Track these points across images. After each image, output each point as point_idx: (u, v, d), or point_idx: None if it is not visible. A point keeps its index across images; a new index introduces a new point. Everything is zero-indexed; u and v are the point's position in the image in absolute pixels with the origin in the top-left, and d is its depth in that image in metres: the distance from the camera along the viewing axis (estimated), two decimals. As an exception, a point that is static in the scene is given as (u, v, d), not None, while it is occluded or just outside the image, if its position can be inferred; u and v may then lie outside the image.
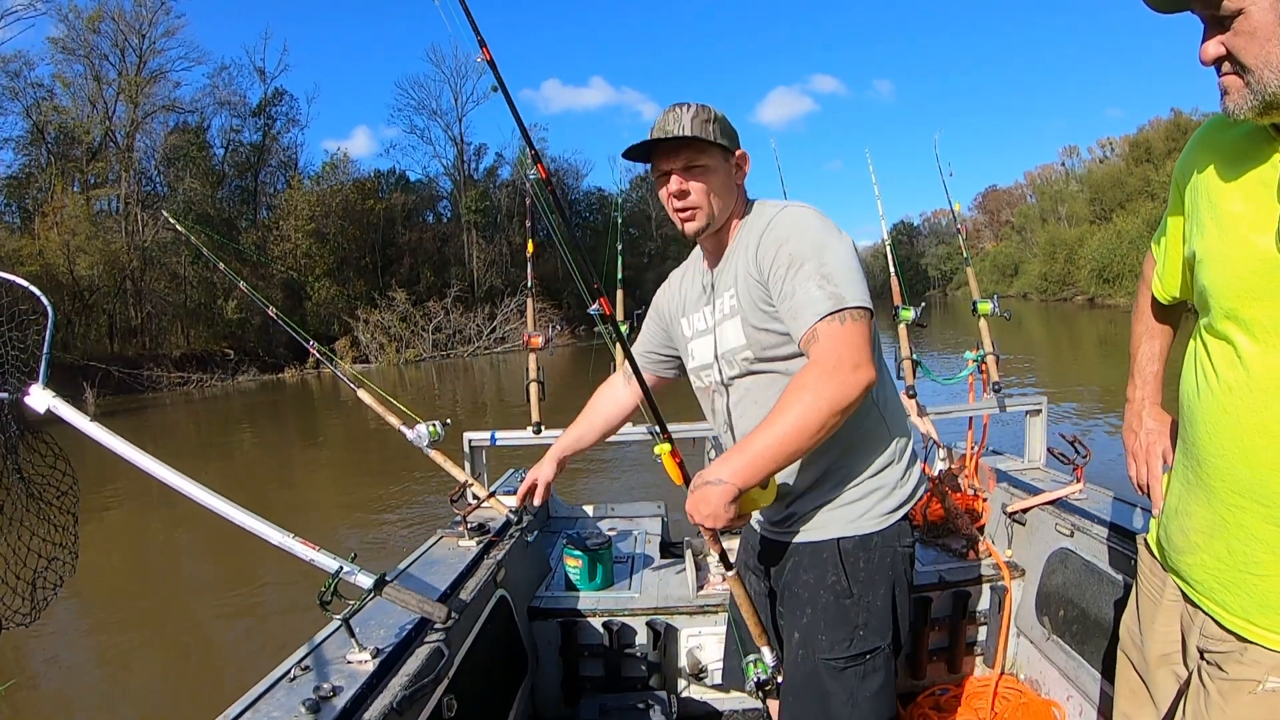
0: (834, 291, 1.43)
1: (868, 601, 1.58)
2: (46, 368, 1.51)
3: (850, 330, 1.42)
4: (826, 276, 1.45)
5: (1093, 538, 2.33)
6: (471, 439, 2.94)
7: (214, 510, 1.55)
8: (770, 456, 1.42)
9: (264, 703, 1.42)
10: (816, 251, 1.48)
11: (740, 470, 1.42)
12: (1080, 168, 62.52)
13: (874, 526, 1.60)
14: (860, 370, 1.40)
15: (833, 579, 1.59)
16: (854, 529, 1.60)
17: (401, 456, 9.89)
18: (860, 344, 1.42)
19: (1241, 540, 1.17)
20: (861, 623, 1.58)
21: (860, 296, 1.45)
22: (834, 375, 1.39)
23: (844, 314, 1.42)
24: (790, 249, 1.50)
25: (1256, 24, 0.97)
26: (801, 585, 1.64)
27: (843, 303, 1.42)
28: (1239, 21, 0.99)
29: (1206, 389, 1.20)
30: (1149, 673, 1.40)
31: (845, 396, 1.39)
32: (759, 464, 1.42)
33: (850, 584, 1.58)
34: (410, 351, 31.30)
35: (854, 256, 1.51)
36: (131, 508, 9.09)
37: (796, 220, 1.55)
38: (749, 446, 1.43)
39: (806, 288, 1.45)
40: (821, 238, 1.50)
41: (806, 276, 1.46)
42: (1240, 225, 1.13)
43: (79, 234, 27.15)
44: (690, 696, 2.58)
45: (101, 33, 30.27)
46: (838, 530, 1.61)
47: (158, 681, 4.83)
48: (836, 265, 1.47)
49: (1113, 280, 38.93)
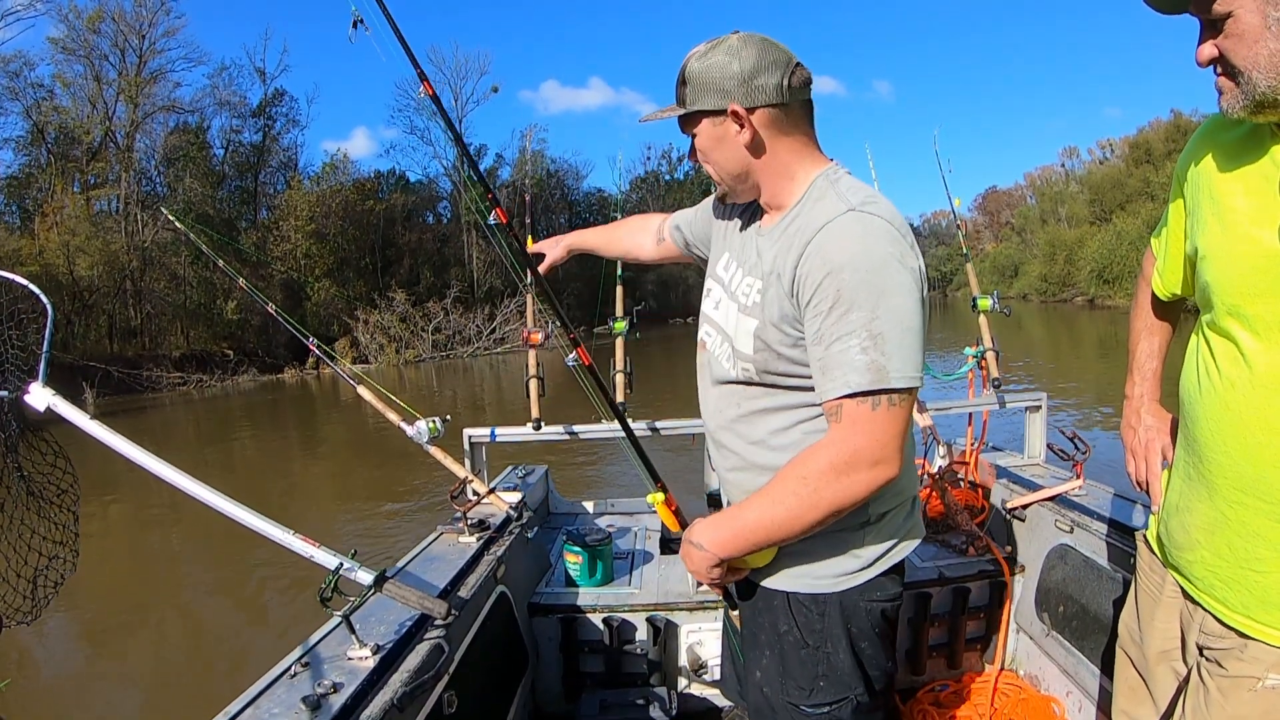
0: (877, 362, 1.16)
1: (826, 653, 1.39)
2: (46, 366, 1.51)
3: (883, 419, 1.18)
4: (875, 338, 1.16)
5: (1092, 534, 2.33)
6: (471, 435, 2.94)
7: (214, 507, 1.55)
8: (757, 539, 1.29)
9: (265, 699, 1.42)
10: (872, 299, 1.17)
11: (723, 542, 1.32)
12: (1080, 169, 62.54)
13: (827, 588, 1.37)
14: (879, 468, 1.19)
15: (785, 629, 1.41)
16: (804, 586, 1.39)
17: (401, 454, 9.92)
18: (890, 436, 1.19)
19: (1243, 536, 1.17)
20: (822, 673, 1.39)
21: (908, 374, 1.18)
22: (846, 474, 1.19)
23: (881, 397, 1.17)
24: (840, 283, 1.19)
25: (1244, 27, 1.00)
26: (759, 628, 1.48)
27: (884, 381, 1.16)
28: (1229, 24, 1.01)
29: (1209, 385, 1.21)
30: (1148, 669, 1.41)
31: (852, 497, 1.21)
32: (743, 541, 1.30)
33: (805, 636, 1.39)
34: (410, 352, 31.26)
35: (917, 310, 1.20)
36: (130, 507, 9.09)
37: (859, 244, 1.20)
38: (736, 520, 1.31)
39: (846, 345, 1.18)
40: (884, 279, 1.18)
41: (850, 330, 1.18)
42: (1242, 221, 1.13)
43: (79, 234, 27.10)
44: (690, 692, 2.59)
45: (101, 33, 30.22)
46: (786, 584, 1.41)
47: (158, 679, 4.84)
48: (892, 324, 1.17)
49: (1112, 281, 38.97)
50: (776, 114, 1.29)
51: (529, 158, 48.04)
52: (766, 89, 1.26)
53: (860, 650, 1.39)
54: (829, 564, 1.37)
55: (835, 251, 1.20)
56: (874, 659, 1.41)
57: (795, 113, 1.31)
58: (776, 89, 1.27)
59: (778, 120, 1.30)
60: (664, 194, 57.61)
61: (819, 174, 1.33)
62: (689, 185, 57.89)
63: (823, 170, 1.34)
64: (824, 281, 1.20)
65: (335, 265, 35.46)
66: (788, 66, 1.27)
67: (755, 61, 1.26)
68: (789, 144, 1.32)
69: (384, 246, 39.00)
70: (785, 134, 1.31)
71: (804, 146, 1.34)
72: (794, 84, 1.28)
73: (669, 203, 56.54)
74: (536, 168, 47.92)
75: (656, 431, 2.98)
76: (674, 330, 39.30)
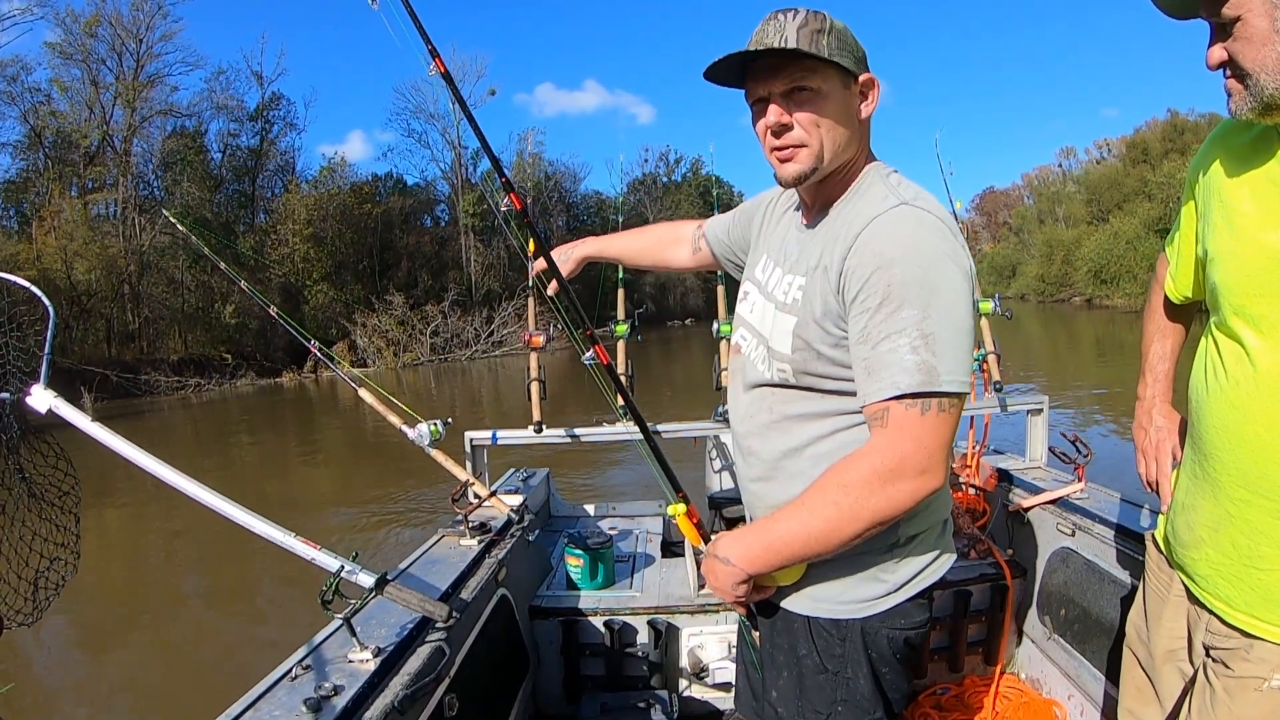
0: (929, 363, 1.09)
1: (846, 678, 1.32)
2: (48, 368, 1.51)
3: (932, 424, 1.11)
4: (926, 338, 1.09)
5: (1094, 537, 2.33)
6: (473, 438, 2.94)
7: (215, 510, 1.55)
8: (790, 553, 1.21)
9: (265, 702, 1.42)
10: (925, 295, 1.11)
11: (753, 557, 1.24)
12: (1077, 169, 62.69)
13: (851, 613, 1.30)
14: (925, 477, 1.12)
15: (804, 652, 1.34)
16: (824, 610, 1.31)
17: (401, 457, 9.90)
18: (937, 444, 1.11)
19: (1246, 535, 1.18)
20: (840, 698, 1.32)
21: (959, 378, 1.11)
22: (891, 482, 1.11)
23: (931, 401, 1.10)
24: (891, 278, 1.12)
25: (1253, 30, 1.02)
26: (777, 648, 1.40)
27: (935, 383, 1.09)
28: (1238, 27, 1.04)
29: (1215, 384, 1.22)
30: (1155, 669, 1.41)
31: (896, 508, 1.13)
32: (774, 555, 1.22)
33: (824, 660, 1.32)
34: (408, 355, 31.29)
35: (970, 311, 1.14)
36: (129, 510, 9.09)
37: (912, 236, 1.14)
38: (768, 532, 1.23)
39: (895, 344, 1.11)
40: (937, 276, 1.12)
41: (900, 328, 1.10)
42: (1250, 223, 1.15)
43: (76, 238, 27.11)
44: (692, 695, 2.58)
45: (99, 37, 30.25)
46: (807, 608, 1.33)
47: (158, 681, 4.83)
48: (944, 324, 1.10)
49: (1110, 281, 38.97)
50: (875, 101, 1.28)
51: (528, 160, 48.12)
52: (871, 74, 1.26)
53: (881, 675, 1.32)
54: (853, 588, 1.29)
55: (887, 245, 1.14)
56: (895, 683, 1.35)
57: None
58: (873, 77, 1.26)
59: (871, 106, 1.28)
60: (661, 196, 57.70)
61: (871, 166, 1.30)
62: (686, 188, 57.98)
63: (875, 165, 1.30)
64: (873, 276, 1.13)
65: (333, 269, 35.50)
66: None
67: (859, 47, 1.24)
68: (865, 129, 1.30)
69: (382, 250, 39.02)
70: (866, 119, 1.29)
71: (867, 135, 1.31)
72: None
73: (666, 205, 56.60)
74: (535, 170, 47.97)
75: (658, 434, 2.97)
76: (672, 333, 39.39)
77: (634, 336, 2.98)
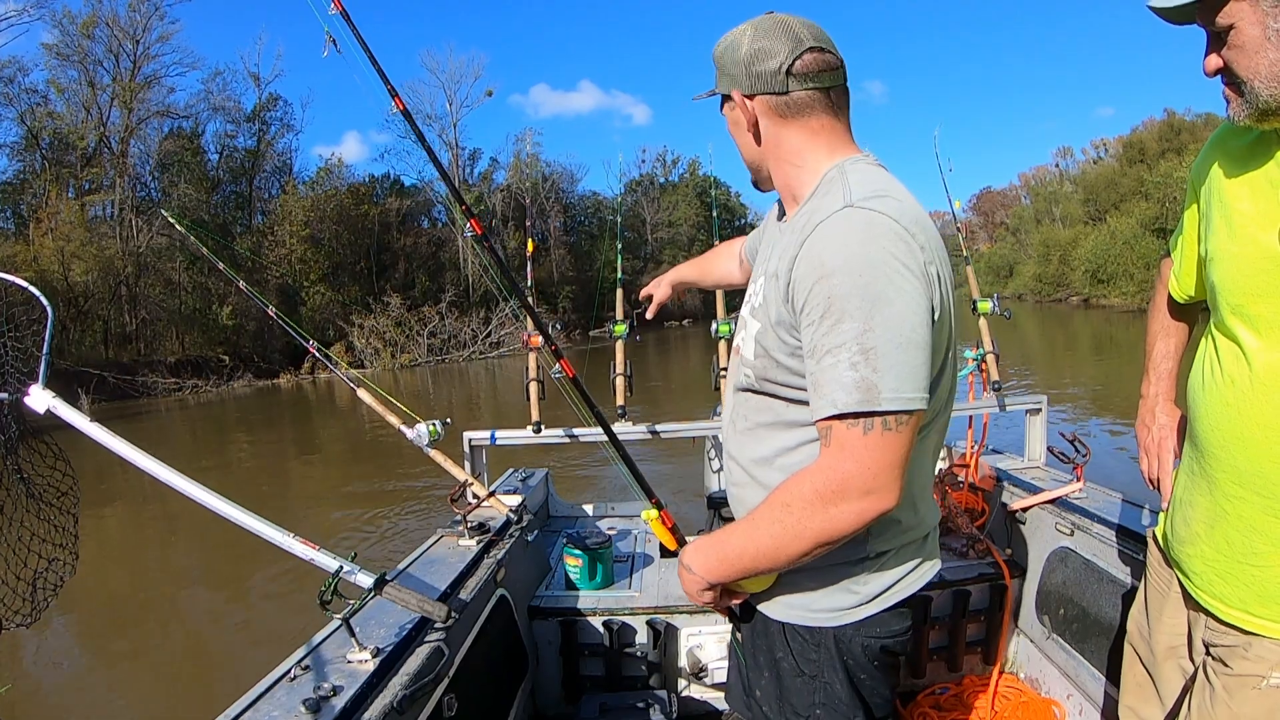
0: (868, 380, 1.03)
1: (824, 683, 1.29)
2: (46, 369, 1.51)
3: (876, 444, 1.04)
4: (867, 353, 1.03)
5: (1093, 536, 2.33)
6: (471, 438, 2.94)
7: (214, 510, 1.55)
8: (743, 566, 1.20)
9: (264, 702, 1.42)
10: (865, 308, 1.04)
11: (710, 567, 1.24)
12: (1074, 169, 62.79)
13: (823, 621, 1.26)
14: (871, 497, 1.06)
15: (780, 655, 1.32)
16: (797, 617, 1.29)
17: (399, 458, 9.91)
18: (883, 464, 1.05)
19: (1240, 531, 1.20)
20: (819, 701, 1.29)
21: (904, 394, 1.04)
22: (833, 503, 1.07)
23: (873, 419, 1.04)
24: (832, 289, 1.06)
25: (1246, 38, 1.04)
26: (758, 649, 1.38)
27: (874, 402, 1.03)
28: (1231, 36, 1.05)
29: (1211, 382, 1.24)
30: (1156, 666, 1.42)
31: (840, 529, 1.08)
32: (728, 567, 1.22)
33: (800, 665, 1.30)
34: (405, 356, 31.28)
35: (922, 320, 1.06)
36: (127, 512, 9.08)
37: (855, 245, 1.07)
38: (723, 545, 1.22)
39: (836, 359, 1.05)
40: (882, 285, 1.04)
41: (840, 342, 1.05)
42: (1248, 224, 1.17)
43: (73, 240, 27.07)
44: (690, 695, 2.58)
45: (96, 38, 30.21)
46: (780, 614, 1.31)
47: (157, 682, 4.82)
48: (887, 337, 1.03)
49: (1107, 281, 38.99)
50: (776, 101, 1.22)
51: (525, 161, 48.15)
52: (764, 75, 1.21)
53: (859, 681, 1.29)
54: (824, 598, 1.26)
55: (828, 252, 1.08)
56: (874, 689, 1.31)
57: (801, 100, 1.22)
58: (773, 75, 1.20)
59: (778, 108, 1.23)
60: (658, 196, 57.73)
61: (835, 164, 1.22)
62: (684, 188, 57.99)
63: (840, 160, 1.23)
64: (815, 287, 1.08)
65: (330, 270, 35.52)
66: (792, 52, 1.19)
67: (759, 45, 1.21)
68: (797, 132, 1.24)
69: (379, 251, 39.06)
70: (790, 122, 1.23)
71: (818, 135, 1.24)
72: (798, 70, 1.20)
73: (664, 205, 56.63)
74: (533, 170, 47.98)
75: (657, 435, 2.97)
76: (670, 332, 39.38)
77: (632, 337, 2.99)
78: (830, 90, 1.23)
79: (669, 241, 56.20)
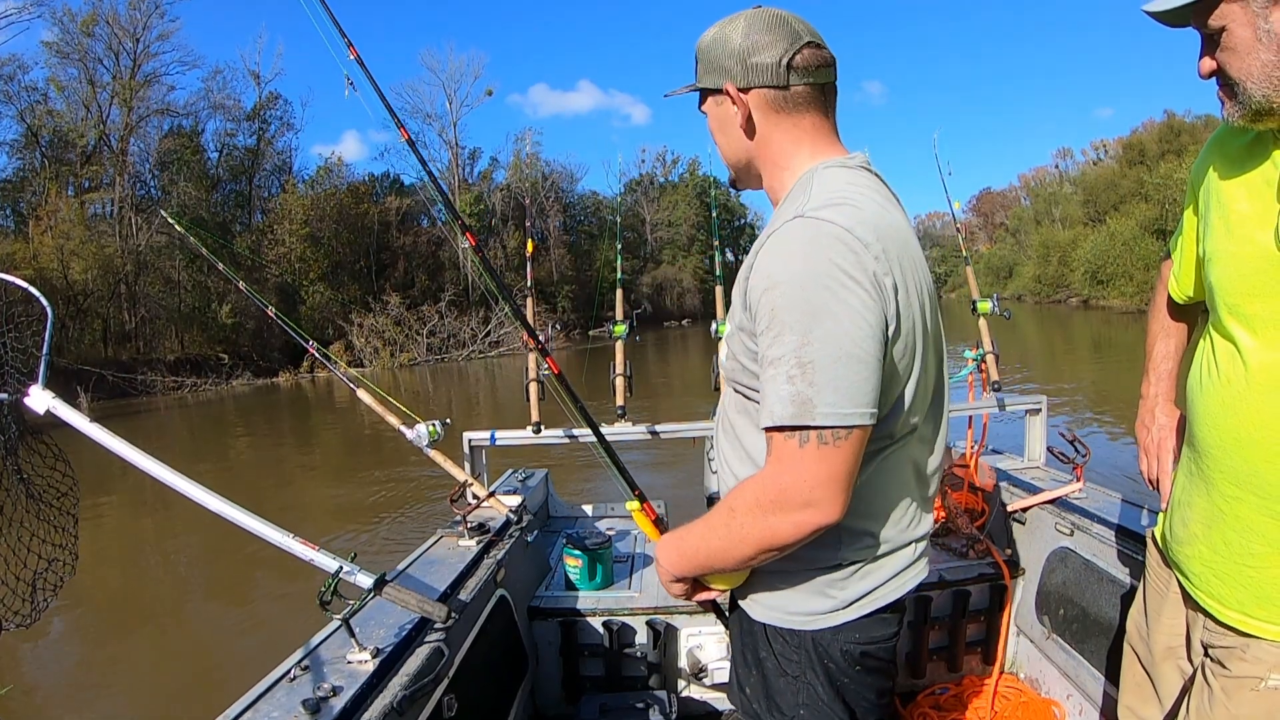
0: (802, 394, 1.02)
1: (806, 684, 1.26)
2: (46, 369, 1.51)
3: (813, 457, 1.03)
4: (804, 367, 1.02)
5: (1093, 537, 2.33)
6: (471, 438, 2.94)
7: (213, 511, 1.54)
8: (700, 562, 1.22)
9: (264, 703, 1.42)
10: (805, 321, 1.03)
11: (673, 561, 1.27)
12: (1074, 170, 62.87)
13: (800, 625, 1.25)
14: (810, 510, 1.04)
15: (764, 655, 1.31)
16: (776, 619, 1.27)
17: (399, 457, 9.91)
18: (820, 478, 1.03)
19: (1238, 532, 1.20)
20: (803, 702, 1.27)
21: (840, 410, 1.02)
22: (771, 513, 1.07)
23: (809, 433, 1.02)
24: (775, 301, 1.05)
25: (1237, 41, 1.05)
26: (745, 647, 1.37)
27: (807, 416, 1.01)
28: (1224, 38, 1.06)
29: (1209, 382, 1.24)
30: (1154, 666, 1.42)
31: (780, 539, 1.08)
32: (688, 563, 1.24)
33: (783, 665, 1.28)
34: (404, 355, 31.28)
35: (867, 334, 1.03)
36: (126, 513, 9.07)
37: (798, 257, 1.06)
38: (682, 541, 1.25)
39: (776, 371, 1.04)
40: (823, 298, 1.02)
41: (780, 354, 1.04)
42: (1245, 224, 1.17)
43: (73, 238, 27.08)
44: (690, 696, 2.58)
45: (96, 36, 30.21)
46: (760, 614, 1.29)
47: (156, 683, 4.82)
48: (825, 351, 1.02)
49: (1106, 282, 39.03)
50: (774, 95, 1.19)
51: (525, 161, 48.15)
52: (763, 68, 1.17)
53: (841, 685, 1.26)
54: (801, 601, 1.24)
55: (774, 264, 1.07)
56: (859, 693, 1.28)
57: (799, 95, 1.19)
58: (773, 68, 1.17)
59: (775, 102, 1.20)
60: (658, 196, 57.75)
61: (811, 168, 1.20)
62: (683, 188, 58.01)
63: (817, 164, 1.20)
64: (763, 298, 1.07)
65: (330, 269, 35.53)
66: (792, 45, 1.17)
67: (756, 38, 1.17)
68: (788, 130, 1.22)
69: (378, 250, 39.08)
70: (783, 118, 1.21)
71: (808, 134, 1.22)
72: (797, 64, 1.17)
73: (663, 205, 56.64)
74: (532, 170, 48.01)
75: (656, 435, 2.97)
76: (669, 332, 39.36)
77: (632, 337, 2.99)
78: (824, 87, 1.22)
79: (668, 241, 56.29)
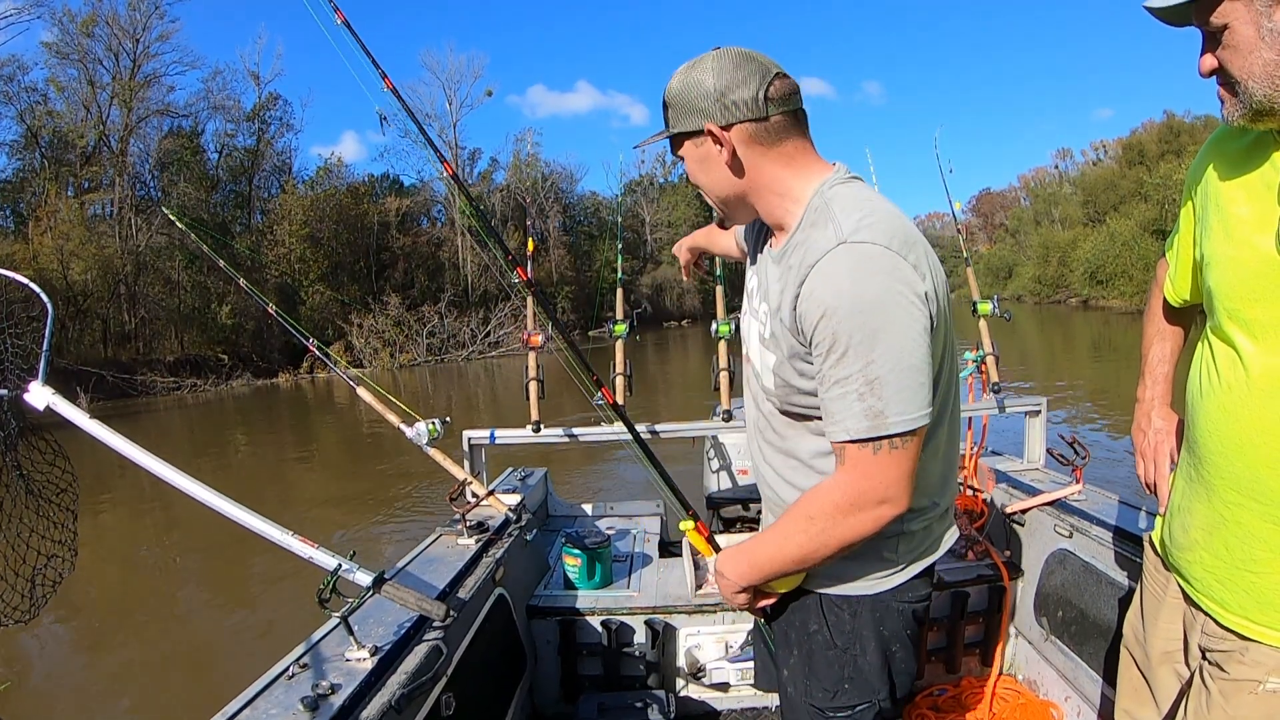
0: (875, 408, 1.13)
1: (854, 655, 1.38)
2: (46, 365, 1.51)
3: (885, 461, 1.16)
4: (872, 383, 1.13)
5: (1092, 539, 2.33)
6: (471, 437, 2.94)
7: (213, 508, 1.54)
8: (773, 570, 1.32)
9: (262, 700, 1.42)
10: (865, 342, 1.12)
11: (742, 573, 1.35)
12: (1073, 170, 62.89)
13: (862, 590, 1.36)
14: (885, 505, 1.18)
15: (815, 628, 1.40)
16: (837, 589, 1.37)
17: (398, 456, 9.91)
18: (894, 477, 1.17)
19: (1239, 537, 1.19)
20: (848, 675, 1.38)
21: (908, 416, 1.14)
22: (851, 514, 1.19)
23: (882, 442, 1.15)
24: (835, 327, 1.14)
25: (1239, 39, 1.04)
26: (789, 625, 1.46)
27: (882, 428, 1.13)
28: (1225, 36, 1.05)
29: (1209, 388, 1.23)
30: (1151, 670, 1.41)
31: (861, 533, 1.20)
32: (759, 573, 1.34)
33: (834, 636, 1.38)
34: (404, 356, 31.24)
35: (920, 342, 1.14)
36: (125, 510, 9.06)
37: (849, 283, 1.14)
38: (754, 553, 1.34)
39: (845, 390, 1.15)
40: (879, 319, 1.12)
41: (846, 374, 1.14)
42: (1244, 227, 1.16)
43: (72, 239, 27.03)
44: (688, 695, 2.58)
45: (95, 37, 30.14)
46: (819, 585, 1.39)
47: (155, 679, 4.82)
48: (889, 366, 1.12)
49: (1106, 282, 39.05)
50: (756, 129, 1.23)
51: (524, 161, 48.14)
52: (741, 104, 1.21)
53: (891, 653, 1.39)
54: (862, 568, 1.35)
55: (827, 293, 1.15)
56: (903, 662, 1.41)
57: (779, 125, 1.24)
58: (751, 102, 1.21)
59: (758, 135, 1.24)
60: (658, 197, 57.72)
61: (816, 189, 1.26)
62: (683, 189, 57.95)
63: (821, 182, 1.27)
64: (820, 325, 1.16)
65: (329, 269, 35.46)
66: (764, 78, 1.21)
67: (729, 76, 1.21)
68: (776, 158, 1.27)
69: (378, 250, 39.03)
70: (769, 148, 1.26)
71: (795, 158, 1.28)
72: (773, 95, 1.22)
73: (663, 205, 56.63)
74: (532, 170, 47.99)
75: (656, 435, 2.97)
76: (668, 332, 39.35)
77: (632, 337, 2.99)
78: (797, 112, 1.27)
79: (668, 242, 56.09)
